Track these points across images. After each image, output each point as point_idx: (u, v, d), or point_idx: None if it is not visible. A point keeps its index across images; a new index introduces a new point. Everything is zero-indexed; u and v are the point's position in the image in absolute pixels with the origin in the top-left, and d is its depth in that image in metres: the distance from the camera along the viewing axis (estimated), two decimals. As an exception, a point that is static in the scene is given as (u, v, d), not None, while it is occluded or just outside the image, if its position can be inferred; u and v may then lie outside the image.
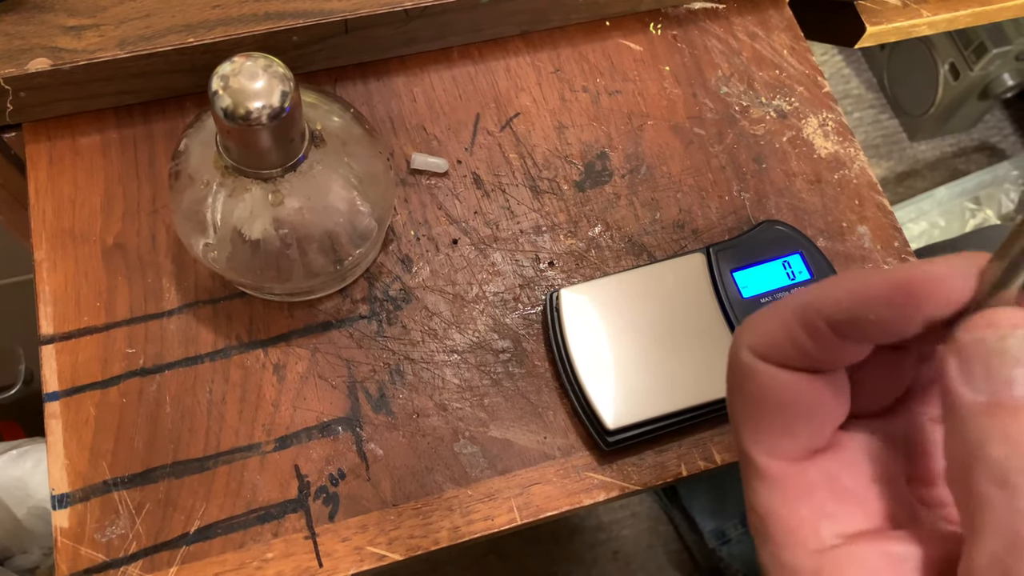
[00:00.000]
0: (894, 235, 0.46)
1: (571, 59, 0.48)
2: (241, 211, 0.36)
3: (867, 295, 0.20)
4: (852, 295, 0.21)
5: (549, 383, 0.41)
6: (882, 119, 1.29)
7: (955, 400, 0.19)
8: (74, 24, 0.41)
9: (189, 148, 0.37)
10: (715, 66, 0.49)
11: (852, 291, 0.21)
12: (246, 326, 0.41)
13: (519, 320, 0.42)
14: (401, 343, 0.41)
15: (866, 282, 0.21)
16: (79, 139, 0.43)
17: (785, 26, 0.50)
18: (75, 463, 0.37)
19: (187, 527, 0.37)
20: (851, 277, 0.21)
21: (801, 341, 0.22)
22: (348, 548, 0.37)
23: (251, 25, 0.42)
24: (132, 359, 0.40)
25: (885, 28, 0.52)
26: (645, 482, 0.39)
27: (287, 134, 0.34)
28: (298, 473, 0.38)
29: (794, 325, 0.22)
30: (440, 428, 0.40)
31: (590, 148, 0.46)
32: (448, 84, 0.47)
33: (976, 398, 0.19)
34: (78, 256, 0.41)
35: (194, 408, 0.39)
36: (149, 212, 0.42)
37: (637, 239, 0.45)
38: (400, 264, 0.43)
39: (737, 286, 0.41)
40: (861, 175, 0.47)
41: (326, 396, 0.40)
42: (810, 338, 0.21)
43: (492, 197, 0.45)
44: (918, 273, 0.20)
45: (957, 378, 0.19)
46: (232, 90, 0.32)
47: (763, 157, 0.47)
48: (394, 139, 0.45)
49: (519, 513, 0.38)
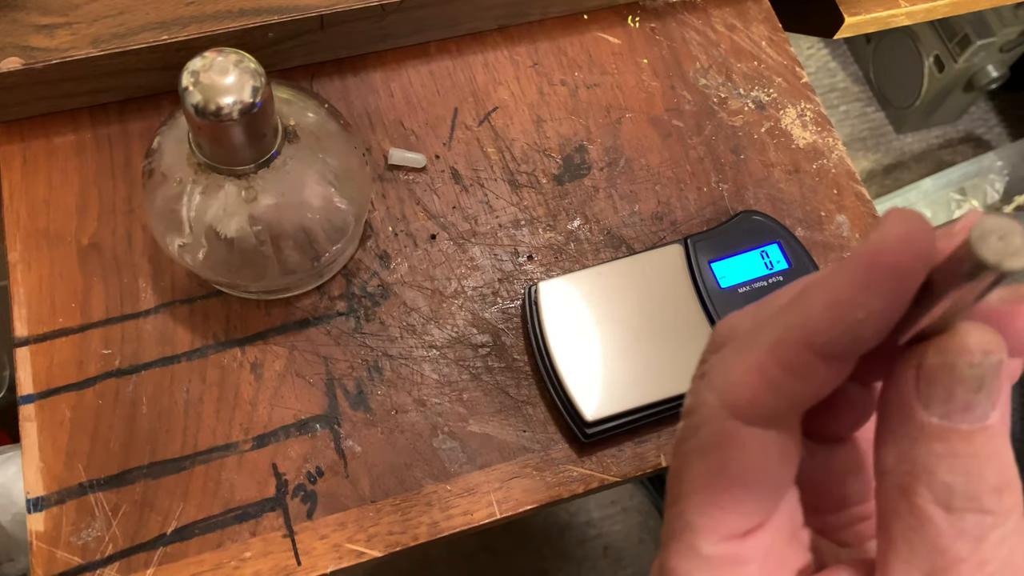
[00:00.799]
0: (873, 224, 0.46)
1: (549, 53, 0.48)
2: (215, 209, 0.36)
3: (844, 295, 0.18)
4: (830, 304, 0.18)
5: (528, 377, 0.41)
6: (868, 112, 1.29)
7: (908, 416, 0.18)
8: (46, 23, 0.40)
9: (162, 146, 0.37)
10: (693, 58, 0.49)
11: (828, 301, 0.18)
12: (223, 325, 0.41)
13: (498, 314, 0.42)
14: (379, 339, 0.41)
15: (832, 285, 0.18)
16: (53, 139, 0.43)
17: (763, 17, 0.50)
18: (50, 466, 0.37)
19: (164, 528, 0.37)
20: (810, 291, 0.19)
21: (785, 385, 0.19)
22: (327, 546, 0.37)
23: (226, 22, 0.41)
24: (108, 360, 0.39)
25: (863, 19, 0.52)
26: (625, 473, 0.39)
27: (259, 130, 0.33)
28: (276, 471, 0.38)
29: (773, 368, 0.19)
30: (419, 424, 0.40)
31: (568, 141, 0.46)
32: (426, 79, 0.47)
33: (929, 420, 0.18)
34: (53, 257, 0.41)
35: (171, 408, 0.39)
36: (125, 212, 0.42)
37: (616, 232, 0.45)
38: (378, 260, 0.43)
39: (715, 277, 0.41)
40: (839, 165, 0.47)
41: (304, 394, 0.40)
42: (796, 376, 0.19)
43: (470, 192, 0.45)
44: (877, 243, 0.18)
45: (914, 395, 0.18)
46: (203, 86, 0.31)
47: (741, 148, 0.47)
48: (371, 135, 0.45)
49: (498, 507, 0.38)
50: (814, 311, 0.18)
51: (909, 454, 0.18)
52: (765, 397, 0.19)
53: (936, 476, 0.18)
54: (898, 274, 0.18)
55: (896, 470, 0.18)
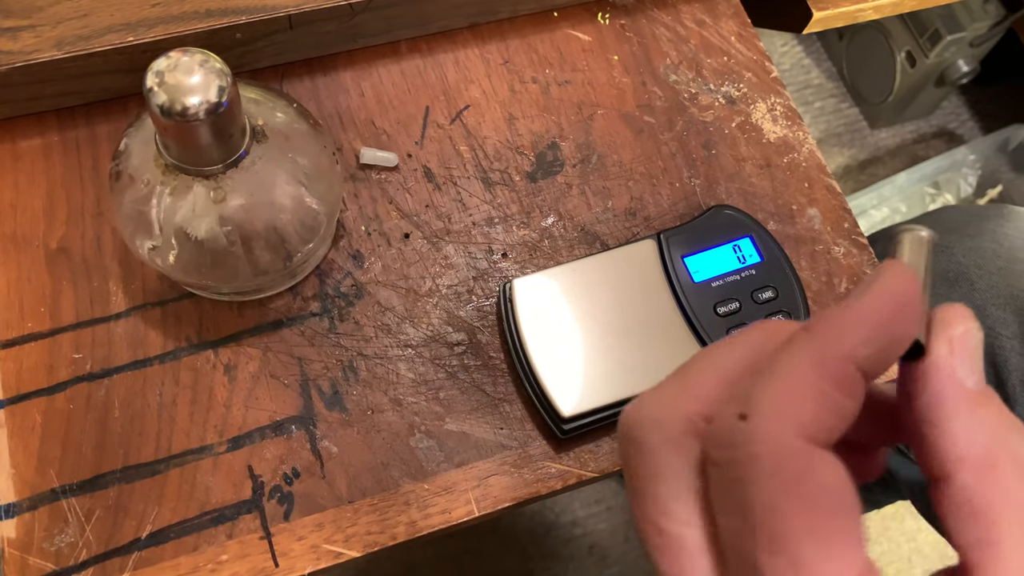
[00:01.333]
0: (844, 216, 0.46)
1: (520, 50, 0.48)
2: (185, 210, 0.36)
3: (883, 317, 0.19)
4: (876, 324, 0.19)
5: (504, 374, 0.41)
6: (843, 108, 1.30)
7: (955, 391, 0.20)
8: (9, 25, 0.40)
9: (129, 148, 0.37)
10: (663, 54, 0.49)
11: (874, 321, 0.19)
12: (195, 327, 0.40)
13: (473, 312, 0.42)
14: (354, 339, 0.41)
15: (874, 306, 0.19)
16: (19, 143, 0.42)
17: (732, 13, 0.51)
18: (21, 472, 0.37)
19: (139, 532, 0.36)
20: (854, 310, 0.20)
21: (841, 404, 0.19)
22: (304, 547, 0.37)
23: (192, 22, 0.41)
24: (79, 364, 0.39)
25: (832, 13, 0.53)
26: (602, 469, 0.39)
27: (226, 130, 0.33)
28: (252, 473, 0.38)
29: (827, 387, 0.19)
30: (395, 423, 0.40)
31: (541, 139, 0.46)
32: (397, 78, 0.46)
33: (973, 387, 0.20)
34: (21, 261, 0.40)
35: (144, 412, 0.38)
36: (94, 215, 0.42)
37: (590, 228, 0.45)
38: (351, 260, 0.42)
39: (688, 271, 0.41)
40: (810, 158, 0.47)
41: (278, 395, 0.39)
42: (847, 395, 0.19)
43: (444, 190, 0.45)
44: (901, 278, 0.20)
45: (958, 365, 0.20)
46: (168, 86, 0.31)
47: (713, 143, 0.47)
48: (343, 134, 0.45)
49: (477, 505, 0.38)
50: (859, 330, 0.19)
51: (973, 430, 0.20)
52: (828, 416, 0.19)
53: (1010, 440, 0.20)
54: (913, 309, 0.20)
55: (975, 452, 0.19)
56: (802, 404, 0.18)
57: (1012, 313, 0.52)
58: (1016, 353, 0.51)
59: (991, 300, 0.53)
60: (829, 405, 0.19)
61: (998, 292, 0.53)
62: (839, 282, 0.45)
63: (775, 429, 0.18)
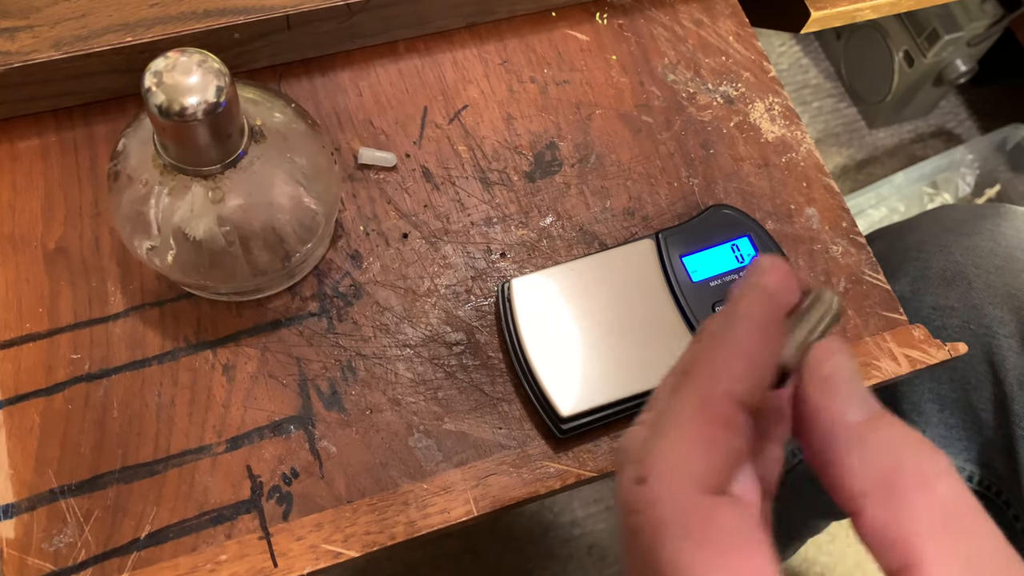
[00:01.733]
0: (842, 216, 0.46)
1: (518, 50, 0.48)
2: (183, 210, 0.36)
3: (749, 343, 0.21)
4: (745, 355, 0.21)
5: (503, 374, 0.41)
6: (841, 107, 1.30)
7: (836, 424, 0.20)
8: (7, 26, 0.40)
9: (128, 148, 0.37)
10: (661, 54, 0.49)
11: (742, 352, 0.21)
12: (194, 327, 0.40)
13: (472, 312, 0.42)
14: (352, 339, 0.41)
15: (733, 339, 0.21)
16: (17, 143, 0.42)
17: (730, 13, 0.51)
18: (20, 472, 0.37)
19: (138, 532, 0.36)
20: (713, 354, 0.21)
21: (730, 444, 0.20)
22: (303, 547, 0.37)
23: (190, 23, 0.41)
24: (77, 365, 0.39)
25: (830, 12, 0.53)
26: (601, 468, 0.39)
27: (224, 130, 0.33)
28: (250, 473, 0.38)
29: (714, 431, 0.20)
30: (394, 423, 0.40)
31: (539, 138, 0.46)
32: (395, 78, 0.46)
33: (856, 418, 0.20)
34: (19, 262, 0.40)
35: (142, 412, 0.38)
36: (92, 215, 0.42)
37: (588, 228, 0.45)
38: (350, 260, 0.42)
39: (687, 270, 0.41)
40: (808, 158, 0.47)
41: (277, 395, 0.39)
42: (734, 432, 0.20)
43: (442, 190, 0.45)
44: (759, 291, 0.21)
45: (836, 402, 0.20)
46: (166, 86, 0.31)
47: (711, 143, 0.47)
48: (341, 134, 0.45)
49: (475, 505, 0.38)
50: (731, 364, 0.20)
51: (871, 457, 0.20)
52: (717, 459, 0.20)
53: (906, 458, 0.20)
54: (783, 309, 0.21)
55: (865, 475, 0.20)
56: (694, 457, 0.20)
57: (1009, 312, 0.52)
58: (1013, 352, 0.51)
59: (988, 299, 0.53)
60: (720, 449, 0.20)
61: (995, 291, 0.53)
62: (837, 281, 0.45)
63: (672, 488, 0.19)
